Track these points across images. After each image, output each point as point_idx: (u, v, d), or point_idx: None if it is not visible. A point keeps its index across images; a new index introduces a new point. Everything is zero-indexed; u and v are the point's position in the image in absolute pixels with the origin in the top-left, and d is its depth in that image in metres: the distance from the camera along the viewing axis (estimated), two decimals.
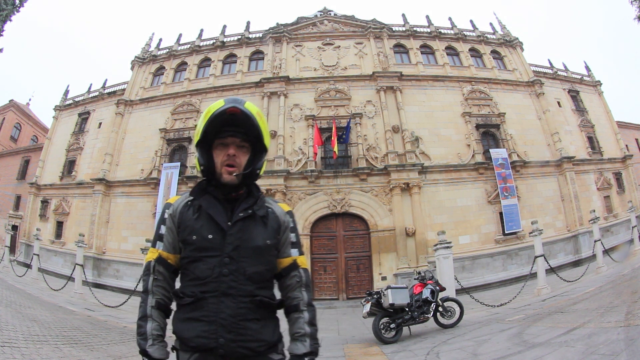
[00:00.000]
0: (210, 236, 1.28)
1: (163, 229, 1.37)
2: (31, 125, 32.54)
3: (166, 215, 1.38)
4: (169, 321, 1.34)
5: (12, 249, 17.45)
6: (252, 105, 1.36)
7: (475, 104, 17.73)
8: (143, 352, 1.26)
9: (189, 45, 20.75)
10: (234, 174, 1.34)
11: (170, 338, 1.29)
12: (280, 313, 1.40)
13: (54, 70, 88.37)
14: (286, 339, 1.37)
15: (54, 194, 19.27)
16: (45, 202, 19.23)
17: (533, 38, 74.78)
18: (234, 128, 1.34)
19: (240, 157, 1.36)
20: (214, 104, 1.33)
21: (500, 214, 15.37)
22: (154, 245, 1.37)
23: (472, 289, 11.24)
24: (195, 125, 17.34)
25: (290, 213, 1.48)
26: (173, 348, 1.29)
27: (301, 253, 1.47)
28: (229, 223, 1.31)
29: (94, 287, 12.56)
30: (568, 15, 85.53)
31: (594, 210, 11.89)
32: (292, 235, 1.45)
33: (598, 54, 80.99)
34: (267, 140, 1.40)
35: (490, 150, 16.42)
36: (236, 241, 1.29)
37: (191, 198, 1.38)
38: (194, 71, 19.91)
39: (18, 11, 9.24)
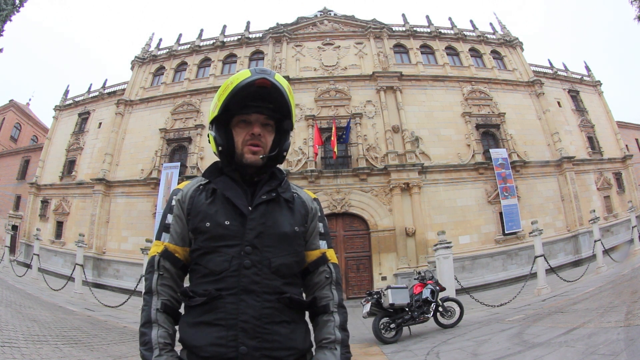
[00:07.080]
0: (227, 222, 1.09)
1: (170, 218, 1.17)
2: (31, 125, 32.54)
3: (174, 202, 1.19)
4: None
5: (12, 249, 17.44)
6: (282, 78, 1.17)
7: (475, 104, 17.73)
8: None
9: (189, 45, 20.74)
10: (260, 155, 1.16)
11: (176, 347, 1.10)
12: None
13: (54, 70, 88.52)
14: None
15: (54, 194, 19.26)
16: (45, 202, 19.22)
17: (533, 38, 74.84)
18: (259, 103, 1.16)
19: (265, 136, 1.19)
20: (238, 75, 1.14)
21: (500, 214, 15.36)
22: (158, 238, 1.17)
23: (472, 289, 11.23)
24: (196, 126, 17.16)
25: (317, 200, 1.31)
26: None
27: (330, 246, 1.29)
28: (250, 208, 1.12)
29: (94, 287, 12.55)
30: (568, 15, 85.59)
31: (594, 210, 11.89)
32: (321, 225, 1.28)
33: (598, 54, 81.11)
34: (295, 118, 1.26)
35: (490, 150, 16.42)
36: (259, 227, 1.10)
37: (204, 181, 1.19)
38: (194, 71, 19.91)
39: (18, 11, 9.26)
